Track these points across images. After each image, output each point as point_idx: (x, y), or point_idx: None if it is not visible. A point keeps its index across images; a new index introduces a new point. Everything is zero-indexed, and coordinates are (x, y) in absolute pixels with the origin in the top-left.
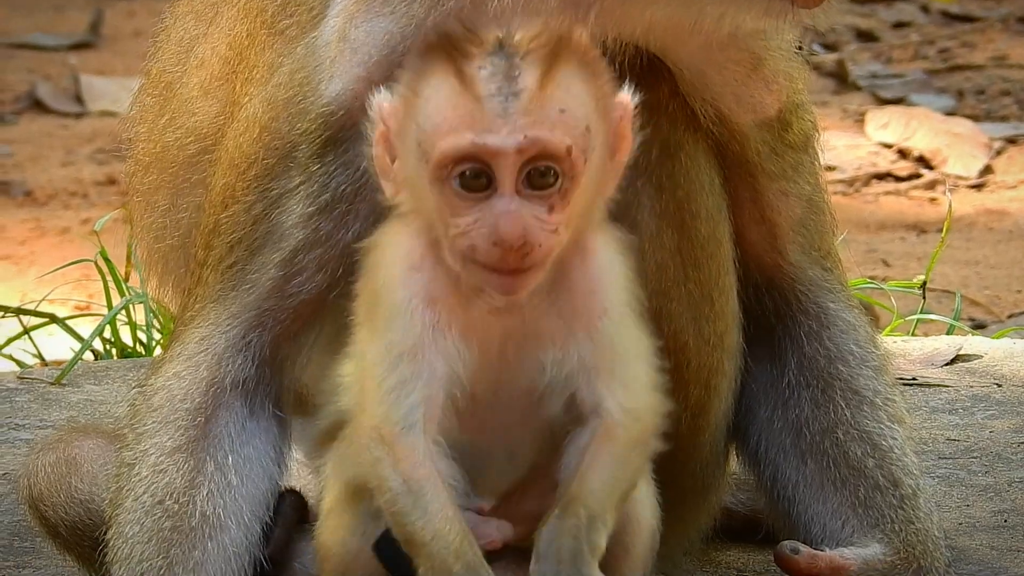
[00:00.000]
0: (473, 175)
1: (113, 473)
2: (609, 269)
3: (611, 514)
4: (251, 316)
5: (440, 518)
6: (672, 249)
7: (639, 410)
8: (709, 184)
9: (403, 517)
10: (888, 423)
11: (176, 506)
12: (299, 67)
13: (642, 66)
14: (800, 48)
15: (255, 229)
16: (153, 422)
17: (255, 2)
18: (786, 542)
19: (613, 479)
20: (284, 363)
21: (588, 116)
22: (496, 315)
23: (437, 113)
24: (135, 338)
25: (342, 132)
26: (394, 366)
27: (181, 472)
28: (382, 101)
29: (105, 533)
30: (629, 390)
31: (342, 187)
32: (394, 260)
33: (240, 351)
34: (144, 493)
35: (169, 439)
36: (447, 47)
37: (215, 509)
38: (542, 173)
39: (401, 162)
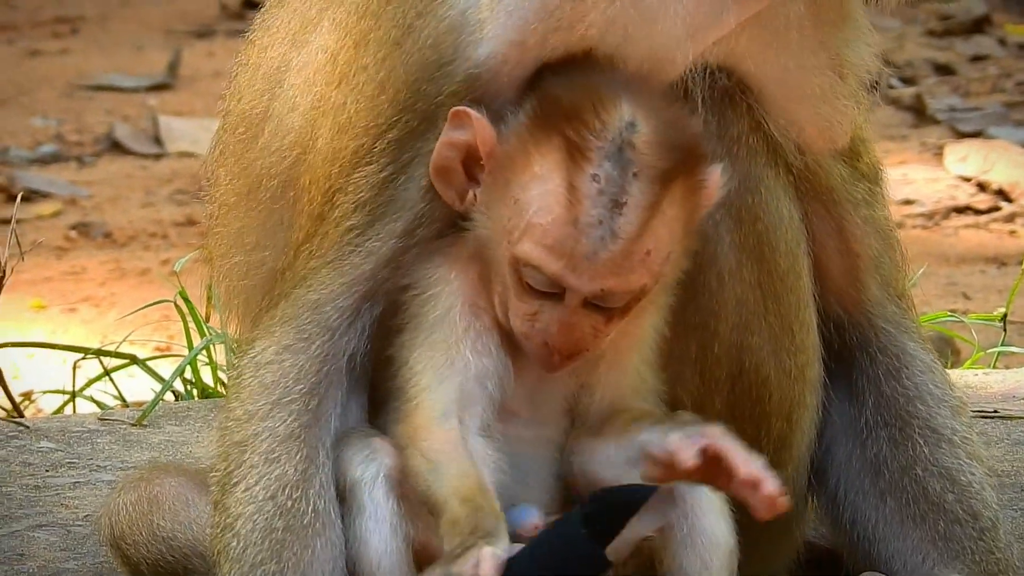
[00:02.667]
0: (546, 285)
1: (218, 447)
2: (643, 308)
3: None
4: (366, 287)
5: (456, 475)
6: (752, 283)
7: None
8: (788, 218)
9: (425, 487)
10: (966, 460)
11: (289, 503)
12: (446, 29)
13: (724, 99)
14: (876, 84)
15: (382, 192)
16: (265, 402)
17: (348, 18)
18: (867, 574)
19: None
20: (384, 338)
21: (675, 241)
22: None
23: (536, 213)
24: (216, 378)
25: (487, 97)
26: (430, 362)
27: (294, 463)
28: (483, 120)
29: (212, 513)
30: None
31: None
32: (446, 271)
33: (351, 324)
34: (256, 484)
35: (282, 424)
36: (567, 134)
37: (325, 505)
38: (608, 301)
39: (485, 202)
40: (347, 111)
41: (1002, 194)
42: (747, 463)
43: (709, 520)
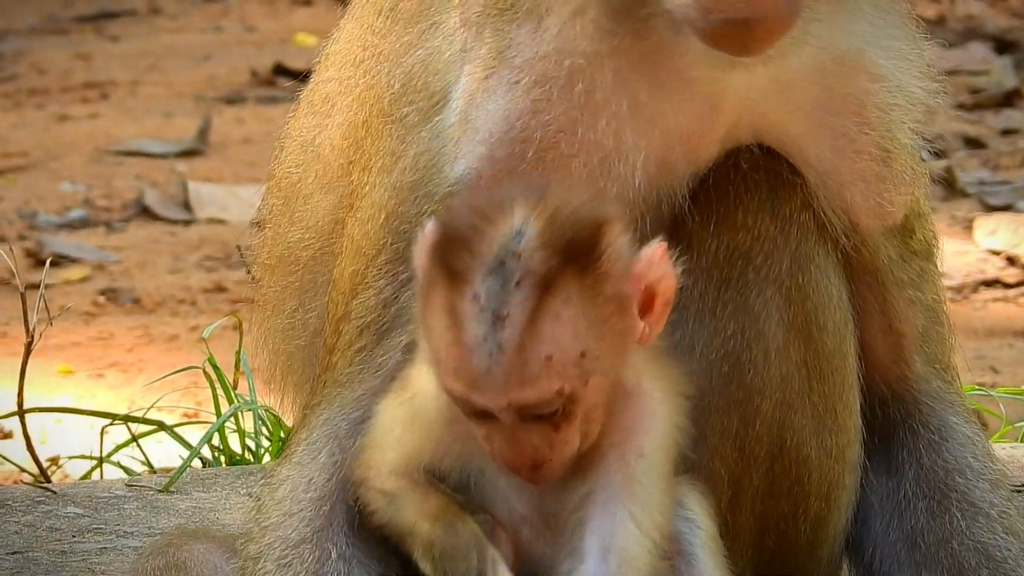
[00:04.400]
0: (470, 409)
1: (238, 568)
2: (653, 410)
3: None
4: (374, 400)
5: (418, 500)
6: (798, 361)
7: (652, 553)
8: (838, 297)
9: (387, 520)
10: (1003, 535)
11: None
12: (424, 151)
13: (776, 178)
14: (922, 157)
15: (384, 313)
16: (278, 514)
17: (371, 92)
18: None
19: None
20: None
21: (583, 339)
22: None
23: (437, 343)
24: (244, 445)
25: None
26: (396, 421)
27: (305, 565)
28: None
29: None
30: (649, 533)
31: None
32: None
33: (361, 433)
34: None
35: (294, 531)
36: (448, 262)
37: None
38: (538, 411)
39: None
40: (351, 235)
41: None
42: None
43: (706, 569)
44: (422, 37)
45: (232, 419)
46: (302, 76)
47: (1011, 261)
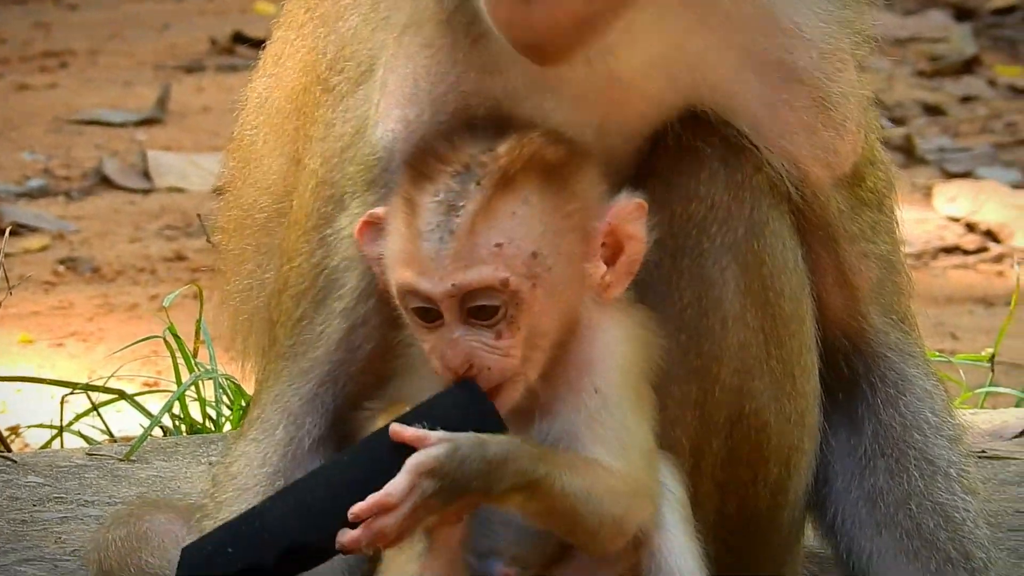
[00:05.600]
0: (424, 310)
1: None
2: (610, 349)
3: (548, 488)
4: (322, 371)
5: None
6: (756, 328)
7: (630, 474)
8: (793, 261)
9: None
10: (962, 495)
11: None
12: (352, 118)
13: (727, 146)
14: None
15: (317, 280)
16: (233, 489)
17: (311, 56)
18: None
19: (586, 488)
20: (358, 420)
21: (537, 240)
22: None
23: (391, 242)
24: (204, 414)
25: (384, 174)
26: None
27: None
28: (379, 211)
29: None
30: (619, 459)
31: None
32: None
33: (314, 408)
34: None
35: (246, 505)
36: (415, 165)
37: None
38: (481, 308)
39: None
40: (292, 207)
41: (991, 235)
42: None
43: (677, 560)
44: (356, 2)
45: (193, 388)
46: (262, 44)
47: (970, 228)
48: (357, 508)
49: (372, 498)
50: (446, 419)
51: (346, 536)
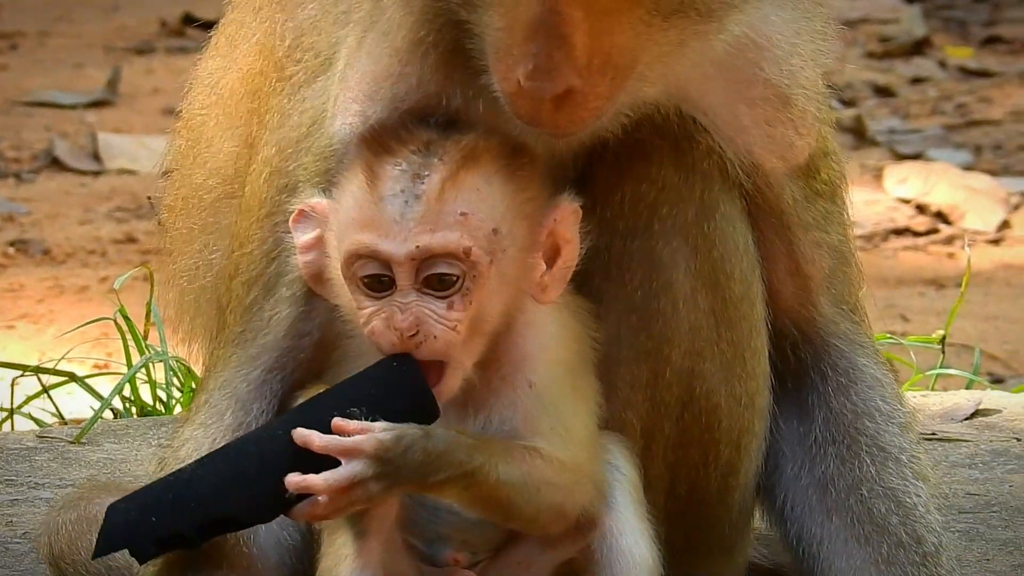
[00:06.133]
0: (375, 278)
1: None
2: (544, 343)
3: (483, 478)
4: (270, 358)
5: None
6: (706, 310)
7: (570, 460)
8: (744, 244)
9: None
10: (913, 480)
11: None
12: (308, 108)
13: (678, 129)
14: (831, 104)
15: (268, 267)
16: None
17: (268, 40)
18: None
19: (522, 477)
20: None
21: (498, 219)
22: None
23: (346, 210)
24: (155, 396)
25: (339, 165)
26: None
27: None
28: (316, 202)
29: None
30: (558, 448)
31: None
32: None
33: (262, 394)
34: None
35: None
36: (374, 141)
37: (241, 560)
38: (439, 278)
39: (332, 260)
40: (243, 191)
41: (941, 216)
42: None
43: (627, 541)
44: None
45: (143, 370)
46: (212, 26)
47: (921, 209)
48: (292, 482)
49: (308, 478)
50: (380, 395)
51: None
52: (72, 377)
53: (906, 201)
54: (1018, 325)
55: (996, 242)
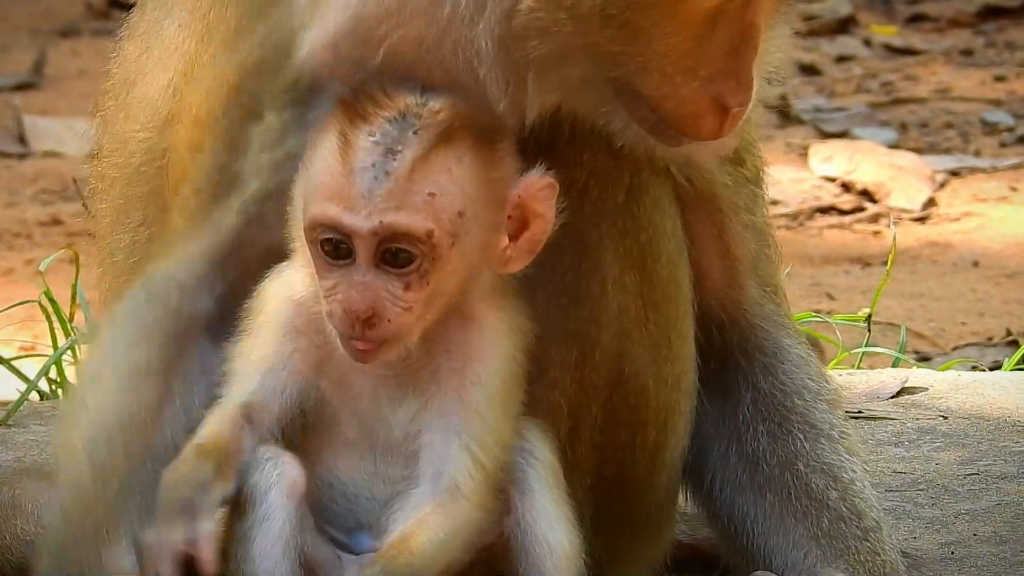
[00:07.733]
0: (335, 245)
1: (71, 390)
2: (493, 342)
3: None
4: (215, 256)
5: (207, 432)
6: (634, 292)
7: (483, 483)
8: (672, 227)
9: None
10: (847, 456)
11: (143, 430)
12: (273, 30)
13: (612, 113)
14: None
15: (221, 177)
16: (123, 344)
17: None
18: (759, 572)
19: (445, 542)
20: (245, 303)
21: (466, 200)
22: (367, 367)
23: (315, 176)
24: None
25: (303, 94)
26: (246, 356)
27: (155, 392)
28: None
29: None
30: (482, 462)
31: (297, 146)
32: (281, 289)
33: (205, 287)
34: (108, 411)
35: (143, 357)
36: (351, 107)
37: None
38: (397, 253)
39: (296, 220)
40: (188, 104)
41: (867, 195)
42: None
43: (543, 526)
44: None
45: (69, 352)
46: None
47: (846, 187)
48: None
49: None
50: None
51: None
52: None
53: (831, 179)
54: (944, 303)
55: (922, 220)
